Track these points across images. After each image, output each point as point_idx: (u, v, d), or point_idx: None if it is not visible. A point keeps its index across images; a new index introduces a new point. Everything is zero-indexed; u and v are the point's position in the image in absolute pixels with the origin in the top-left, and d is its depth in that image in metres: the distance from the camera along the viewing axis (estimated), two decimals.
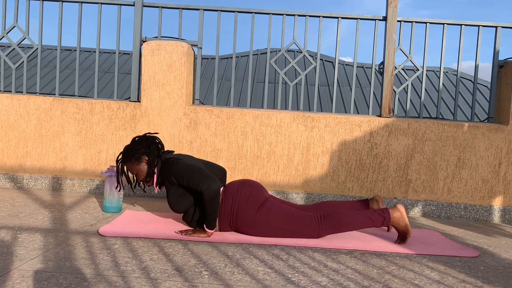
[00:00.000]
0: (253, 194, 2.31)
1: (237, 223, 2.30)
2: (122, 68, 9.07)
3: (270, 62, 3.43)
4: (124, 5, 3.41)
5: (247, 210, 2.27)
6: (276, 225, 2.27)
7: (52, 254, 1.81)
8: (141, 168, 2.40)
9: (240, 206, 2.28)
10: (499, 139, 3.25)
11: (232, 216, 2.30)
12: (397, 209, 2.28)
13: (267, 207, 2.29)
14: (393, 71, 3.35)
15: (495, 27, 3.36)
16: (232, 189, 2.34)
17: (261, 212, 2.27)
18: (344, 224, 2.29)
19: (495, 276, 1.89)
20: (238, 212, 2.28)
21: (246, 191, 2.32)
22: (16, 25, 3.41)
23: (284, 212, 2.29)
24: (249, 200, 2.29)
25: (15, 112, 3.33)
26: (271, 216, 2.27)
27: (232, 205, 2.30)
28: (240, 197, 2.30)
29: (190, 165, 2.29)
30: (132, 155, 2.39)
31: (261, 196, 2.33)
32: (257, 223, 2.27)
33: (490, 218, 3.26)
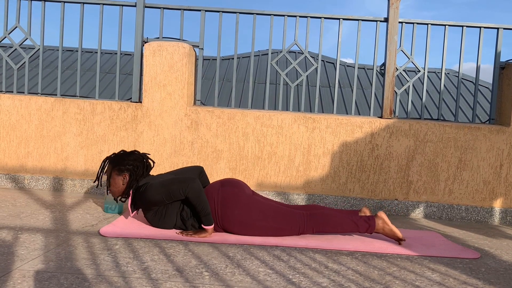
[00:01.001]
0: (234, 193, 2.32)
1: (223, 223, 2.31)
2: (123, 68, 9.08)
3: (271, 63, 3.43)
4: (125, 6, 3.41)
5: (230, 209, 2.28)
6: (260, 221, 2.28)
7: (53, 254, 1.81)
8: (117, 182, 2.44)
9: (223, 206, 2.29)
10: (500, 140, 3.24)
11: (217, 217, 2.30)
12: (378, 217, 2.33)
13: (249, 204, 2.30)
14: (394, 72, 3.35)
15: (497, 29, 3.36)
16: (213, 190, 2.34)
17: (243, 210, 2.28)
18: (329, 224, 2.32)
19: (496, 277, 1.89)
20: (222, 212, 2.29)
21: (226, 191, 2.32)
22: (18, 26, 3.42)
23: (265, 208, 2.31)
24: (230, 200, 2.29)
25: (17, 112, 3.34)
26: (253, 214, 2.28)
27: (215, 205, 2.30)
28: (221, 198, 2.30)
29: (161, 183, 2.26)
30: (119, 163, 2.43)
31: (242, 194, 2.33)
32: (241, 221, 2.28)
33: (492, 219, 3.25)
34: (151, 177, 2.45)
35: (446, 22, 3.38)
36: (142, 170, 2.44)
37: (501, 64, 3.39)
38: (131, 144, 3.29)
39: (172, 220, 2.31)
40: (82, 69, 8.90)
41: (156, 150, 3.29)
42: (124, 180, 2.43)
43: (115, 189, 2.46)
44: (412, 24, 3.38)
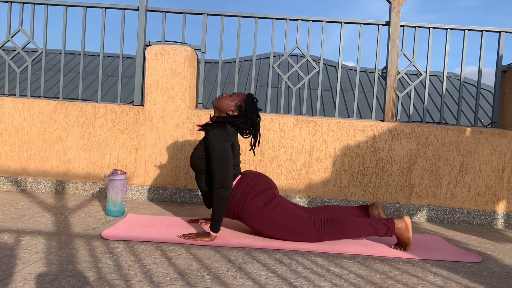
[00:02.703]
0: (265, 188, 2.34)
1: (241, 212, 2.32)
2: (125, 72, 9.10)
3: (273, 67, 3.44)
4: (128, 9, 3.43)
5: (255, 202, 2.29)
6: (279, 222, 2.28)
7: (55, 257, 1.81)
8: (227, 105, 2.36)
9: (249, 197, 2.30)
10: (502, 144, 3.24)
11: (239, 205, 2.31)
12: (403, 220, 2.27)
13: (275, 203, 2.31)
14: (396, 75, 3.35)
15: (499, 32, 3.36)
16: (247, 178, 2.36)
17: (267, 207, 2.29)
18: (347, 230, 2.28)
19: (499, 281, 1.88)
20: (246, 202, 2.30)
21: (259, 183, 2.35)
22: (21, 29, 3.43)
23: (290, 212, 2.31)
24: (259, 193, 2.32)
25: (19, 115, 3.35)
26: (276, 213, 2.28)
27: (242, 193, 2.31)
28: (252, 188, 2.32)
29: (225, 154, 2.24)
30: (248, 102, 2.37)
31: (271, 192, 2.36)
32: (261, 216, 2.28)
33: (494, 223, 3.24)
34: (233, 133, 2.37)
35: (448, 26, 3.38)
36: (243, 127, 2.39)
37: (503, 68, 3.39)
38: (133, 147, 3.29)
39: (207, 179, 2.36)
40: (84, 72, 8.92)
41: (158, 153, 3.29)
42: (230, 112, 2.37)
43: (222, 103, 2.38)
44: (414, 28, 3.38)
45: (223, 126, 2.31)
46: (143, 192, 3.30)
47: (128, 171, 3.31)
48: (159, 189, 3.30)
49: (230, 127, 2.35)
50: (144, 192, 3.30)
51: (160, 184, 3.30)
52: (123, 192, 2.70)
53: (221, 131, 2.27)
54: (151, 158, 3.30)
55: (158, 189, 3.30)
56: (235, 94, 2.42)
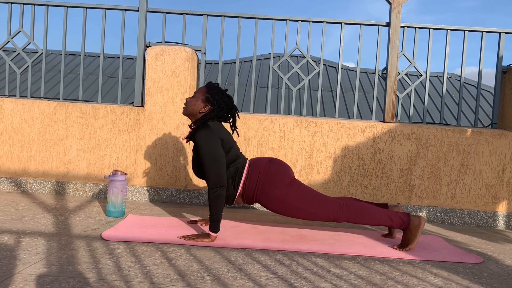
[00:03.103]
0: (281, 171, 2.37)
1: (260, 196, 2.35)
2: (126, 73, 9.11)
3: (273, 67, 3.44)
4: (128, 10, 3.43)
5: (273, 186, 2.33)
6: (300, 202, 2.33)
7: (55, 258, 1.81)
8: (197, 104, 2.35)
9: (267, 181, 2.34)
10: (502, 145, 3.24)
11: (256, 190, 2.34)
12: (418, 218, 2.29)
13: (293, 185, 2.35)
14: (396, 76, 3.35)
15: (499, 33, 3.36)
16: (260, 163, 2.39)
17: (286, 189, 2.33)
18: (364, 215, 2.33)
19: (499, 282, 1.88)
20: (264, 187, 2.33)
21: (274, 168, 2.37)
22: (21, 30, 3.44)
23: (309, 192, 2.36)
24: (276, 177, 2.34)
25: (19, 116, 3.35)
26: (295, 194, 2.33)
27: (258, 179, 2.34)
28: (267, 173, 2.35)
29: (215, 153, 2.24)
30: (213, 92, 2.35)
31: (288, 175, 2.39)
32: (281, 199, 2.32)
33: (494, 224, 3.24)
34: (219, 126, 2.37)
35: (448, 27, 3.38)
36: (223, 114, 2.39)
37: (503, 68, 3.39)
38: (133, 148, 3.29)
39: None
40: (84, 73, 8.93)
41: (158, 154, 3.29)
42: (203, 109, 2.36)
43: (190, 108, 2.37)
44: (414, 29, 3.38)
45: (204, 125, 2.30)
46: (143, 193, 3.30)
47: (128, 172, 3.31)
48: (159, 190, 3.30)
49: (212, 123, 2.34)
50: (144, 193, 3.30)
51: (160, 185, 3.30)
52: (123, 193, 2.70)
53: (205, 130, 2.27)
54: (151, 159, 3.30)
55: (158, 190, 3.30)
56: (195, 92, 2.41)
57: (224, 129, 2.40)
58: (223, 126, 2.42)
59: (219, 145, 2.28)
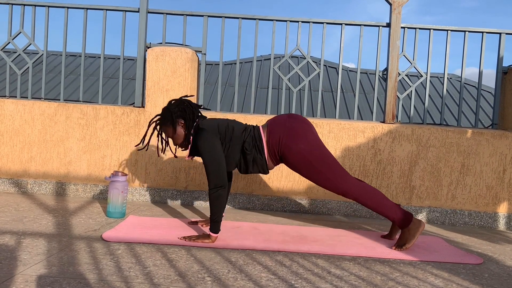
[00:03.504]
0: (304, 126, 2.39)
1: (283, 151, 2.36)
2: (126, 73, 9.11)
3: (273, 68, 3.44)
4: (128, 11, 3.44)
5: (295, 141, 2.34)
6: (320, 163, 2.34)
7: (55, 259, 1.81)
8: (178, 132, 2.38)
9: (289, 136, 2.34)
10: (503, 145, 3.24)
11: (280, 145, 2.35)
12: (419, 221, 2.33)
13: (315, 143, 2.37)
14: (396, 77, 3.36)
15: (499, 34, 3.36)
16: (279, 119, 2.40)
17: (308, 146, 2.34)
18: (373, 197, 2.35)
19: (500, 283, 1.88)
20: (286, 141, 2.34)
21: (297, 122, 2.39)
22: (22, 31, 3.44)
23: (330, 157, 2.38)
24: (299, 132, 2.36)
25: (20, 117, 3.35)
26: (319, 154, 2.35)
27: (280, 134, 2.35)
28: (289, 128, 2.36)
29: (215, 152, 2.26)
30: (168, 117, 2.37)
31: (312, 131, 2.40)
32: (304, 154, 2.33)
33: (495, 225, 3.24)
34: (208, 122, 2.37)
35: (449, 27, 3.38)
36: (191, 110, 2.39)
37: (503, 69, 3.39)
38: (134, 149, 3.30)
39: (235, 159, 2.38)
40: (85, 74, 8.94)
41: None
42: (181, 129, 2.38)
43: (177, 141, 2.41)
44: (414, 29, 3.38)
45: (199, 131, 2.32)
46: (144, 193, 3.30)
47: (129, 173, 3.31)
48: (159, 190, 3.30)
49: (203, 123, 2.36)
50: (145, 193, 3.30)
51: (161, 185, 3.31)
52: (123, 194, 2.70)
53: (201, 134, 2.29)
54: (152, 159, 3.30)
55: (158, 191, 3.30)
56: (160, 118, 2.42)
57: (216, 119, 2.42)
58: (214, 118, 2.44)
59: (218, 145, 2.29)
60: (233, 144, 2.36)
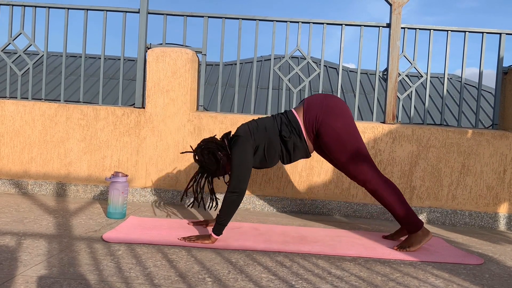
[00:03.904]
0: (342, 106, 2.40)
1: (320, 127, 2.36)
2: (127, 74, 9.11)
3: (274, 69, 3.44)
4: (129, 12, 3.44)
5: (333, 118, 2.35)
6: (352, 146, 2.36)
7: (56, 260, 1.81)
8: (224, 163, 2.41)
9: (327, 113, 2.35)
10: (503, 146, 3.23)
11: (316, 122, 2.35)
12: (430, 232, 2.36)
13: (352, 124, 2.39)
14: (397, 77, 3.36)
15: (499, 34, 3.36)
16: (315, 98, 2.42)
17: (345, 125, 2.35)
18: (394, 194, 2.35)
19: (501, 284, 1.88)
20: (323, 118, 2.35)
21: (334, 100, 2.40)
22: (22, 32, 3.44)
23: (362, 143, 2.40)
24: (337, 110, 2.37)
25: (20, 118, 3.35)
26: (353, 136, 2.37)
27: (317, 112, 2.36)
28: (326, 105, 2.37)
29: (244, 157, 2.26)
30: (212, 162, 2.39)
31: (348, 112, 2.41)
32: (339, 132, 2.34)
33: (496, 225, 3.24)
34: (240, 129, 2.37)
35: (449, 28, 3.38)
36: (213, 139, 2.41)
37: (504, 69, 3.39)
38: (134, 150, 3.30)
39: (277, 151, 2.38)
40: (85, 75, 8.94)
41: (159, 156, 3.29)
42: (224, 155, 2.40)
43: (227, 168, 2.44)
44: (414, 30, 3.38)
45: (233, 141, 2.33)
46: (144, 194, 3.30)
47: (129, 173, 3.31)
48: (160, 191, 3.30)
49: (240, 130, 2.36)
50: (145, 194, 3.30)
51: (161, 186, 3.31)
52: (124, 195, 2.71)
53: (237, 141, 2.30)
54: (152, 160, 3.30)
55: (159, 192, 3.30)
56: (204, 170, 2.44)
57: (244, 123, 2.42)
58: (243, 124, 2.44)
59: (249, 152, 2.29)
60: (270, 139, 2.36)
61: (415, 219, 2.34)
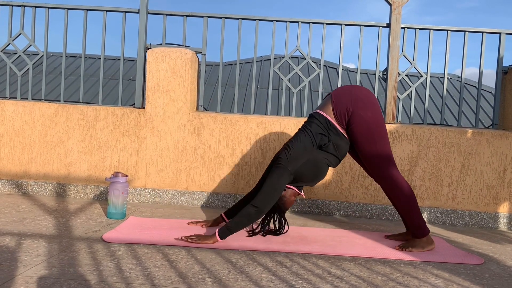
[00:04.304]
0: (371, 97, 2.40)
1: (351, 118, 2.35)
2: (126, 74, 9.12)
3: (274, 69, 3.44)
4: (128, 12, 3.44)
5: (363, 109, 2.34)
6: (379, 140, 2.35)
7: (56, 260, 1.81)
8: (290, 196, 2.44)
9: (356, 103, 2.34)
10: (503, 145, 3.23)
11: (348, 112, 2.34)
12: (433, 242, 2.39)
13: (380, 115, 2.38)
14: (397, 77, 3.35)
15: (499, 34, 3.36)
16: (345, 90, 2.42)
17: (374, 115, 2.35)
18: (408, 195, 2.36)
19: (501, 283, 1.88)
20: (354, 108, 2.34)
21: (363, 92, 2.40)
22: (22, 32, 3.44)
23: (387, 138, 2.40)
24: (367, 101, 2.37)
25: (20, 118, 3.35)
26: (380, 125, 2.37)
27: (347, 103, 2.35)
28: (356, 96, 2.37)
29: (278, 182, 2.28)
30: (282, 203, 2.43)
31: (378, 105, 2.41)
32: (369, 123, 2.33)
33: (496, 225, 3.24)
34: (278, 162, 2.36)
35: (449, 27, 3.38)
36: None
37: (503, 69, 3.39)
38: (134, 150, 3.30)
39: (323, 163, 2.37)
40: (85, 75, 8.94)
41: (159, 156, 3.29)
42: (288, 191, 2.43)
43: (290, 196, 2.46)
44: (414, 29, 3.38)
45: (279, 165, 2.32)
46: (144, 194, 3.30)
47: (129, 173, 3.31)
48: (160, 191, 3.30)
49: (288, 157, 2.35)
50: (145, 194, 3.30)
51: (161, 186, 3.31)
52: (124, 195, 2.71)
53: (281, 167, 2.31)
54: (152, 160, 3.30)
55: (159, 192, 3.30)
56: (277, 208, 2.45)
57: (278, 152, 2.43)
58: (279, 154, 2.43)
59: (285, 179, 2.30)
60: (313, 156, 2.35)
61: (423, 225, 2.35)
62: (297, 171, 2.32)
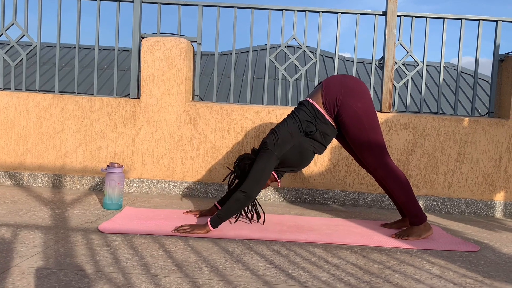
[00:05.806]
0: (361, 87, 2.39)
1: (340, 108, 2.34)
2: (121, 65, 9.06)
3: (270, 58, 3.42)
4: (123, 1, 3.40)
5: (354, 99, 2.33)
6: (370, 130, 2.34)
7: (52, 251, 1.81)
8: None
9: (346, 94, 2.34)
10: (499, 133, 3.24)
11: (337, 103, 2.34)
12: (430, 228, 2.37)
13: (371, 106, 2.37)
14: (393, 66, 3.34)
15: (496, 21, 3.35)
16: (335, 80, 2.40)
17: (365, 106, 2.34)
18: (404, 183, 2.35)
19: (496, 270, 1.89)
20: (344, 100, 2.33)
21: (353, 82, 2.39)
22: (15, 22, 3.40)
23: (379, 128, 2.39)
24: (357, 91, 2.36)
25: (15, 109, 3.33)
26: (371, 116, 2.35)
27: (337, 93, 2.35)
28: (345, 86, 2.36)
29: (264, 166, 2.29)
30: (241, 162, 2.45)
31: (368, 94, 2.40)
32: (359, 114, 2.33)
33: (491, 212, 3.26)
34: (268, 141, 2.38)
35: (445, 15, 3.37)
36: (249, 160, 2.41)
37: (500, 57, 3.39)
38: (130, 140, 3.28)
39: (308, 149, 2.38)
40: (80, 66, 8.88)
41: (155, 146, 3.28)
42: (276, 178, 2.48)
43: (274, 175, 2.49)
44: (410, 18, 3.36)
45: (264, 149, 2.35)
46: (140, 185, 3.30)
47: (125, 164, 3.30)
48: (156, 182, 3.29)
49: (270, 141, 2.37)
50: (141, 185, 3.30)
51: (157, 177, 3.30)
52: (120, 186, 2.70)
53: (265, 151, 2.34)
54: (148, 151, 3.29)
55: (155, 182, 3.29)
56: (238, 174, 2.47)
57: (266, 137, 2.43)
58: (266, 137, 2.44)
59: (273, 165, 2.31)
60: (299, 142, 2.35)
61: (420, 212, 2.35)
62: (283, 155, 2.35)
